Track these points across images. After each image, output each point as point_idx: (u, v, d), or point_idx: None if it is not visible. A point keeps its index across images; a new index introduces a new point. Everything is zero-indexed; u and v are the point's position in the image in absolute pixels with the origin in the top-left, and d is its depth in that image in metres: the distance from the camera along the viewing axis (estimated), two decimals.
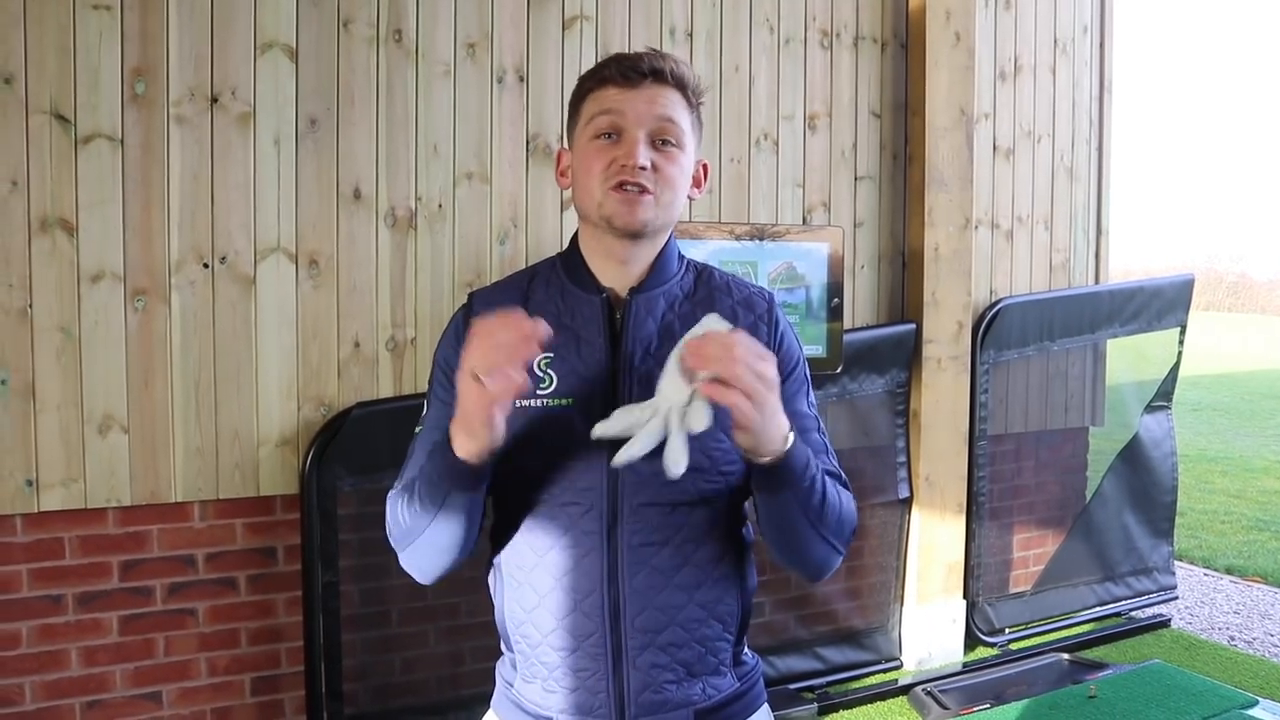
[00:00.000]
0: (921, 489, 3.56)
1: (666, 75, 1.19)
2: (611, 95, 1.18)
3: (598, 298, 1.23)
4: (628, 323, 1.21)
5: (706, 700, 1.23)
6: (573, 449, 1.18)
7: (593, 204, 1.20)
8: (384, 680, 2.84)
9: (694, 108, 1.22)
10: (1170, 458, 4.27)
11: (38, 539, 2.47)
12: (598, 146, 1.19)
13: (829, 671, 3.43)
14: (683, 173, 1.21)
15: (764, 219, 3.33)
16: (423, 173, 2.83)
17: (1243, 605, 4.51)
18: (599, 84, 1.20)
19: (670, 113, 1.19)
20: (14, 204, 2.38)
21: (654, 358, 1.19)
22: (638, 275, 1.23)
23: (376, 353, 2.79)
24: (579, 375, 1.19)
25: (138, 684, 2.59)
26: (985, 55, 3.75)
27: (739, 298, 1.28)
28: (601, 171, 1.18)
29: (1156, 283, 4.20)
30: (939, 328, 3.53)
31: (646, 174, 1.17)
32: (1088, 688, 3.14)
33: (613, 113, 1.18)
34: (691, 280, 1.28)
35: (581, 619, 1.19)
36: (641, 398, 1.16)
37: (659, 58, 1.20)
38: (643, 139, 1.17)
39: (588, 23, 3.03)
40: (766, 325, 1.27)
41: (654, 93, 1.18)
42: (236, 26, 2.59)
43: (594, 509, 1.18)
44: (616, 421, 1.06)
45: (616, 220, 1.18)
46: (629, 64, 1.18)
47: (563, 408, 1.18)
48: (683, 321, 1.23)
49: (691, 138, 1.22)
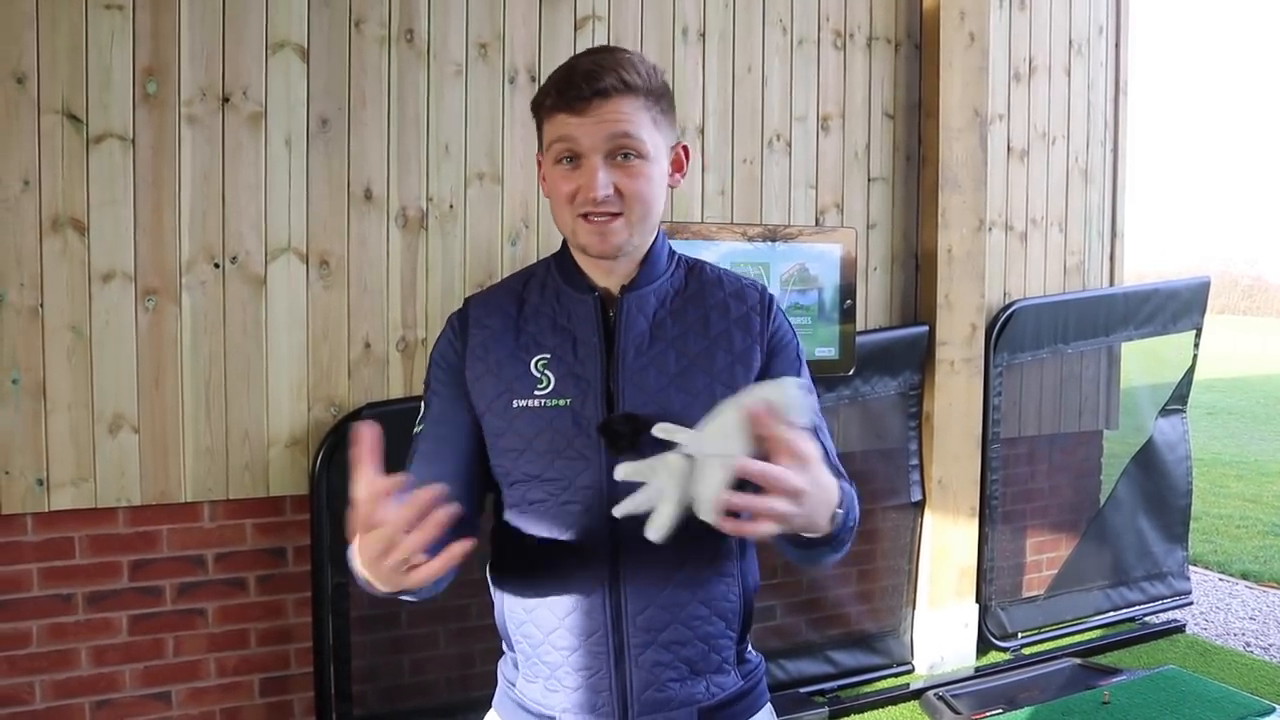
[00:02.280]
0: (934, 492, 3.54)
1: (609, 91, 1.15)
2: (563, 122, 1.16)
3: (590, 297, 1.23)
4: (620, 321, 1.22)
5: (710, 699, 1.23)
6: (572, 449, 1.18)
7: (568, 229, 1.21)
8: (393, 682, 2.84)
9: (654, 102, 1.19)
10: (1185, 461, 4.23)
11: (48, 538, 2.48)
12: (561, 172, 1.18)
13: (840, 675, 3.42)
14: (650, 181, 1.19)
15: (776, 220, 3.31)
16: (434, 173, 2.82)
17: (1259, 611, 4.47)
18: (549, 112, 1.18)
19: (625, 127, 1.15)
20: (26, 203, 2.39)
21: (647, 355, 1.21)
22: (627, 274, 1.24)
23: (387, 353, 2.78)
24: (575, 375, 1.20)
25: (147, 684, 2.59)
26: (999, 56, 3.73)
27: (730, 290, 1.28)
28: (569, 197, 1.18)
29: (1172, 285, 4.17)
30: (952, 330, 3.51)
31: (611, 199, 1.16)
32: (1101, 693, 3.11)
33: (568, 139, 1.16)
34: (683, 276, 1.28)
35: (583, 618, 1.19)
36: (634, 394, 1.18)
37: (601, 71, 1.15)
38: (601, 164, 1.15)
39: (600, 23, 3.02)
40: (760, 316, 1.26)
41: (603, 111, 1.15)
42: (248, 26, 2.59)
43: (594, 508, 1.18)
44: (640, 497, 1.01)
45: (591, 250, 1.19)
46: (572, 93, 1.15)
47: (560, 408, 1.19)
48: (675, 318, 1.24)
49: (657, 134, 1.19)
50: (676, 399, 1.19)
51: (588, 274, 1.24)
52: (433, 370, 1.28)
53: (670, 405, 1.19)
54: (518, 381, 1.21)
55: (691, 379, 1.21)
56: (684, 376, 1.21)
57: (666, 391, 1.20)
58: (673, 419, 1.14)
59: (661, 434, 1.03)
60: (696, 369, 1.21)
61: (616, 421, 1.18)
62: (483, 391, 1.22)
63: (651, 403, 1.19)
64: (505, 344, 1.23)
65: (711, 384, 1.21)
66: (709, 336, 1.23)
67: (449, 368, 1.26)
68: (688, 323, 1.24)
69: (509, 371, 1.21)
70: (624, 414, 1.18)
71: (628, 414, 1.18)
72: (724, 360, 1.22)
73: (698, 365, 1.22)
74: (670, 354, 1.22)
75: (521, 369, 1.21)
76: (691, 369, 1.21)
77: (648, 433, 1.13)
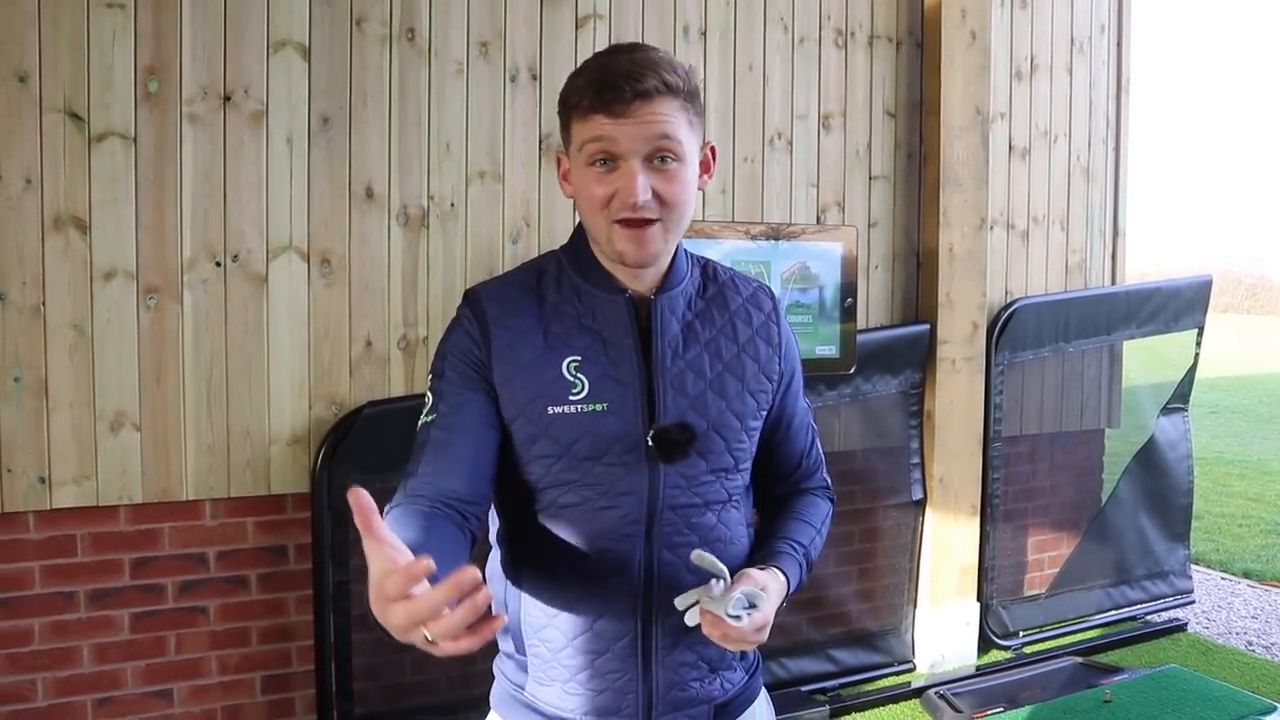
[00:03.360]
0: (935, 490, 3.54)
1: (651, 93, 1.11)
2: (599, 123, 1.11)
3: (621, 298, 1.20)
4: (656, 324, 1.20)
5: (724, 695, 1.26)
6: (611, 454, 1.16)
7: (601, 235, 1.16)
8: (394, 679, 2.84)
9: (690, 103, 1.15)
10: (1186, 460, 4.23)
11: (50, 536, 2.48)
12: (594, 174, 1.13)
13: (841, 674, 3.42)
14: (687, 185, 1.16)
15: (778, 219, 3.31)
16: (435, 172, 2.82)
17: (1261, 610, 4.47)
18: (584, 112, 1.12)
19: (665, 129, 1.11)
20: (28, 202, 2.39)
21: (684, 359, 1.20)
22: (655, 276, 1.22)
23: (388, 351, 2.79)
24: (612, 378, 1.17)
25: (149, 681, 2.60)
26: (1001, 54, 3.72)
27: (746, 295, 1.28)
28: (602, 202, 1.13)
29: (1174, 284, 4.17)
30: (953, 328, 3.51)
31: (649, 205, 1.12)
32: (1102, 692, 3.11)
33: (604, 140, 1.11)
34: (700, 276, 1.28)
35: (613, 622, 1.18)
36: (676, 398, 1.18)
37: (642, 73, 1.10)
38: (640, 168, 1.11)
39: (601, 21, 3.02)
40: (775, 324, 1.29)
41: (643, 114, 1.10)
42: (249, 25, 2.59)
43: (633, 512, 1.17)
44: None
45: (629, 258, 1.16)
46: (612, 94, 1.10)
47: (598, 413, 1.16)
48: (702, 320, 1.24)
49: (692, 137, 1.16)
50: (714, 403, 1.20)
51: (613, 274, 1.21)
52: (447, 360, 1.21)
53: (708, 410, 1.19)
54: (551, 386, 1.16)
55: (726, 384, 1.21)
56: (720, 382, 1.21)
57: (705, 396, 1.20)
58: (711, 424, 1.19)
59: (700, 563, 1.10)
60: (730, 374, 1.22)
61: (672, 431, 1.16)
62: (513, 395, 1.17)
63: (692, 409, 1.19)
64: (534, 346, 1.18)
65: (742, 391, 1.22)
66: (738, 343, 1.24)
67: (468, 359, 1.19)
68: (716, 327, 1.24)
69: (540, 376, 1.17)
70: (678, 423, 1.17)
71: (681, 423, 1.17)
72: (752, 369, 1.24)
73: (730, 371, 1.22)
74: (705, 358, 1.21)
75: (554, 372, 1.17)
76: (726, 374, 1.22)
77: (698, 440, 1.18)
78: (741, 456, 1.23)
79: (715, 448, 1.20)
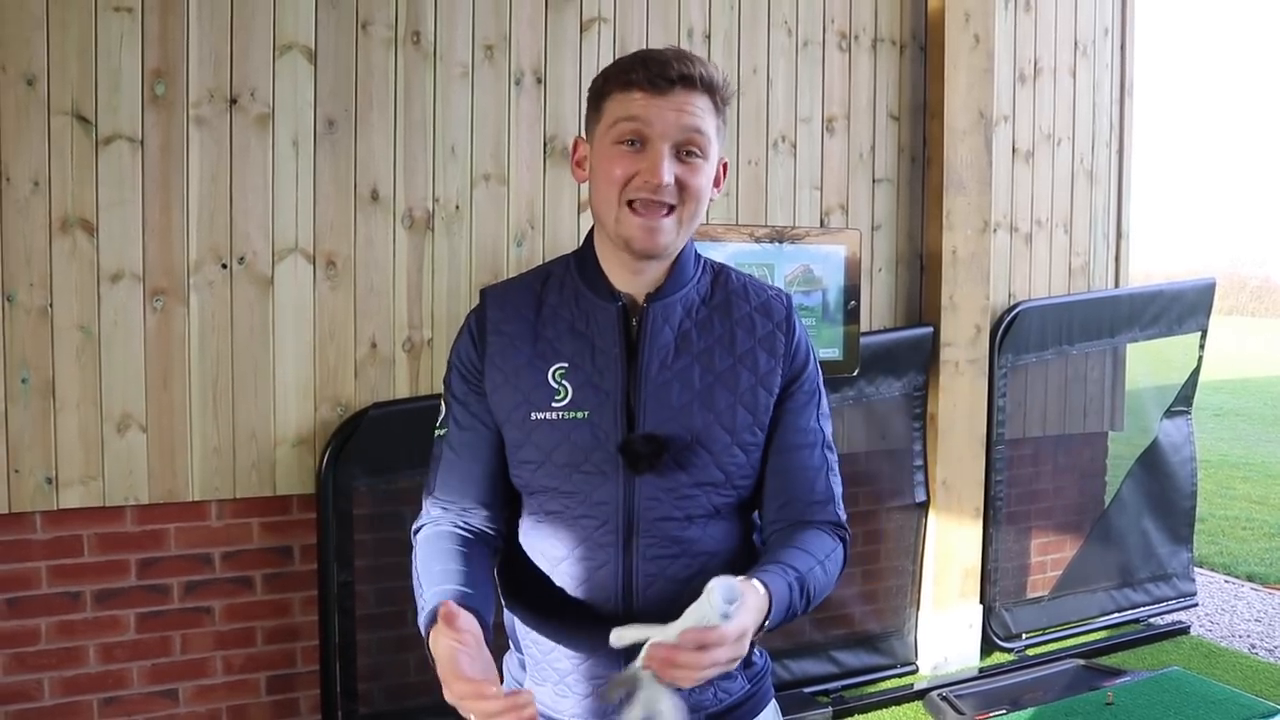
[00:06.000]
0: (938, 493, 3.54)
1: (696, 81, 1.13)
2: (637, 101, 1.12)
3: (613, 305, 1.19)
4: (644, 332, 1.18)
5: (718, 704, 1.24)
6: (589, 462, 1.16)
7: (609, 217, 1.16)
8: (398, 679, 2.85)
9: (720, 110, 1.17)
10: (1190, 463, 4.23)
11: (56, 536, 2.49)
12: (620, 152, 1.14)
13: (844, 675, 3.42)
14: (706, 183, 1.16)
15: (781, 221, 3.32)
16: (440, 174, 2.83)
17: (1264, 613, 4.46)
18: (624, 87, 1.13)
19: (698, 122, 1.13)
20: (35, 204, 2.41)
21: (671, 370, 1.18)
22: (654, 281, 1.20)
23: (393, 353, 2.80)
24: (594, 386, 1.17)
25: (154, 681, 2.61)
26: (1005, 57, 3.72)
27: (756, 303, 1.24)
28: (622, 181, 1.13)
29: (1177, 286, 4.17)
30: (957, 331, 3.51)
31: (670, 190, 1.13)
32: (1105, 694, 3.11)
33: (638, 120, 1.12)
34: (709, 283, 1.25)
35: (594, 629, 1.17)
36: (657, 409, 1.15)
37: (687, 61, 1.13)
38: (667, 152, 1.12)
39: (605, 25, 3.03)
40: (784, 334, 1.24)
41: (682, 100, 1.12)
42: (255, 28, 2.60)
43: (609, 523, 1.17)
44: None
45: (635, 244, 1.15)
46: (657, 70, 1.12)
47: (577, 420, 1.16)
48: (701, 330, 1.20)
49: (716, 142, 1.17)
50: (699, 417, 1.17)
51: (611, 278, 1.20)
52: (453, 371, 1.24)
53: (693, 421, 1.17)
54: (535, 392, 1.17)
55: (715, 397, 1.18)
56: (708, 394, 1.18)
57: (689, 409, 1.17)
58: (695, 437, 1.16)
59: (618, 643, 1.02)
60: (721, 387, 1.18)
61: (637, 442, 1.15)
62: (501, 402, 1.19)
63: (674, 420, 1.16)
64: (523, 352, 1.19)
65: (734, 404, 1.18)
66: (735, 354, 1.20)
67: (470, 372, 1.22)
68: (714, 336, 1.20)
69: (526, 381, 1.18)
70: (645, 434, 1.15)
71: (649, 434, 1.15)
72: (748, 381, 1.19)
73: (722, 383, 1.19)
74: (695, 369, 1.18)
75: (539, 379, 1.18)
76: (716, 386, 1.18)
77: (669, 452, 1.14)
78: (735, 471, 1.19)
79: (699, 460, 1.17)
